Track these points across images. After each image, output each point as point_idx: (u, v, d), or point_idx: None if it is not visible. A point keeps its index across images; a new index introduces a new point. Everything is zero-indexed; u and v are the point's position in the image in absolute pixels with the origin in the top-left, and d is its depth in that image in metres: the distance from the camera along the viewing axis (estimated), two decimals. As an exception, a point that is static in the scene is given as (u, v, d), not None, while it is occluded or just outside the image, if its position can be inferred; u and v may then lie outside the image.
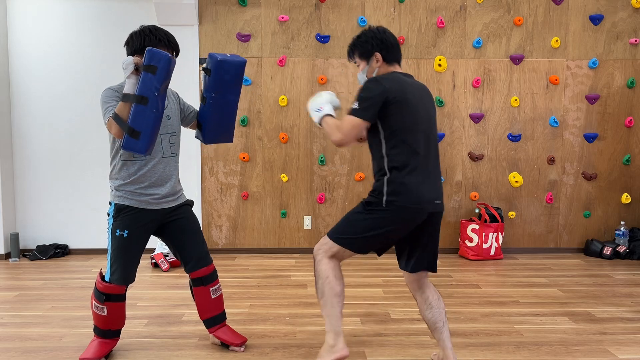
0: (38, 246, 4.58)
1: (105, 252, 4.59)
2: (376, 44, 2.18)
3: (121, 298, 2.41)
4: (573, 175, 4.73)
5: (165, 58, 2.10)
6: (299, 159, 4.68)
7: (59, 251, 4.58)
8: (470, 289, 3.64)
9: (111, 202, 2.39)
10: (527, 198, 4.74)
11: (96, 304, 2.38)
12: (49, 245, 4.61)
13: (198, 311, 2.59)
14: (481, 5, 4.59)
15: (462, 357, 2.48)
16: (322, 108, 2.22)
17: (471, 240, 4.49)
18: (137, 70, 2.15)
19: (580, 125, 4.69)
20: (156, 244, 4.34)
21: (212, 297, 2.56)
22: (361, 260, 4.37)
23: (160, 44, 2.28)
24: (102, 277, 2.40)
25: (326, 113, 2.21)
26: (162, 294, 3.54)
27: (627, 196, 4.69)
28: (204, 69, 2.39)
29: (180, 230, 2.50)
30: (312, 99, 2.29)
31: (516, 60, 4.62)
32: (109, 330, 2.43)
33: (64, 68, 4.54)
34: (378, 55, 2.18)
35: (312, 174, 4.69)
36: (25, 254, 4.61)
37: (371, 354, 2.53)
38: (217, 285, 2.59)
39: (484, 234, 4.44)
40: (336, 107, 2.28)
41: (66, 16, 4.52)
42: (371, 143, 2.18)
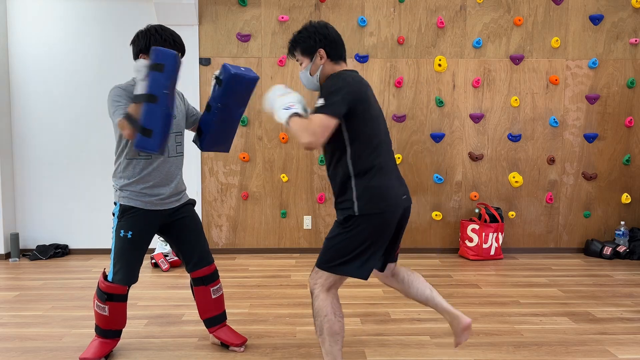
0: (38, 246, 4.58)
1: (105, 251, 4.61)
2: (319, 40, 2.05)
3: (123, 298, 2.41)
4: (573, 175, 4.73)
5: (171, 56, 2.10)
6: (299, 159, 4.68)
7: (59, 251, 4.58)
8: (470, 289, 3.64)
9: (116, 202, 2.39)
10: (527, 198, 4.74)
11: (98, 303, 2.38)
12: (49, 245, 4.61)
13: (198, 311, 2.60)
14: (481, 5, 4.59)
15: (462, 357, 2.48)
16: (293, 106, 1.96)
17: (471, 240, 4.49)
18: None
19: (580, 125, 4.69)
20: (156, 244, 4.34)
21: (213, 297, 2.56)
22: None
23: (165, 44, 2.28)
24: (104, 276, 2.40)
25: (296, 111, 1.95)
26: (162, 294, 3.54)
27: (627, 196, 4.69)
28: (215, 77, 2.34)
29: (183, 230, 2.50)
30: (276, 94, 2.05)
31: (516, 60, 4.62)
32: (110, 330, 2.44)
33: (64, 68, 4.54)
34: (322, 51, 2.06)
35: (312, 174, 4.69)
36: (25, 254, 4.61)
37: (371, 354, 2.53)
38: (218, 285, 2.59)
39: (484, 234, 4.44)
40: (304, 112, 2.00)
41: (66, 16, 4.52)
42: (332, 149, 2.01)
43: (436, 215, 4.71)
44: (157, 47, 2.13)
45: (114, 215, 2.39)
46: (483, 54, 4.63)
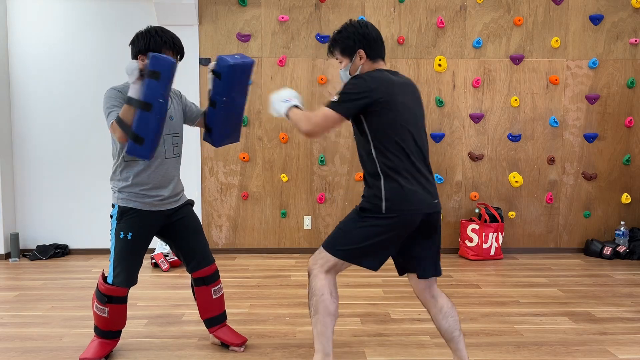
0: (38, 246, 4.58)
1: (105, 252, 4.59)
2: (359, 40, 2.04)
3: (123, 300, 2.40)
4: (573, 175, 4.73)
5: (168, 64, 2.07)
6: (299, 159, 4.68)
7: (59, 251, 4.58)
8: (470, 289, 3.64)
9: (114, 205, 2.38)
10: (527, 198, 4.74)
11: (97, 305, 2.38)
12: (49, 245, 4.61)
13: (199, 311, 2.60)
14: (481, 5, 4.59)
15: (462, 357, 2.48)
16: (290, 99, 2.14)
17: (471, 240, 4.49)
18: (141, 75, 2.13)
19: (580, 125, 4.69)
20: (156, 244, 4.34)
21: (214, 297, 2.56)
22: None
23: (165, 46, 2.25)
24: (104, 278, 2.39)
25: (294, 104, 2.13)
26: (162, 294, 3.54)
27: (627, 196, 4.69)
28: (213, 72, 2.32)
29: (183, 230, 2.50)
30: (275, 93, 2.21)
31: (516, 60, 4.62)
32: (109, 331, 2.43)
33: (64, 68, 4.54)
34: (362, 52, 2.05)
35: (312, 174, 4.69)
36: (25, 254, 4.61)
37: (371, 354, 2.53)
38: (219, 285, 2.59)
39: (484, 234, 4.44)
40: (301, 105, 2.19)
41: (66, 16, 4.51)
42: (358, 142, 2.10)
43: (436, 215, 4.70)
44: (155, 54, 2.09)
45: (112, 217, 2.38)
46: (483, 54, 4.63)
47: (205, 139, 2.51)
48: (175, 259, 4.25)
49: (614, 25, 4.61)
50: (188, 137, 3.88)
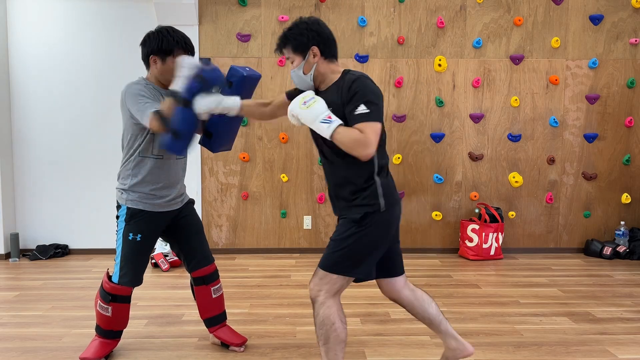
0: (38, 246, 4.58)
1: (105, 251, 4.61)
2: (312, 37, 1.93)
3: (127, 300, 2.41)
4: (573, 175, 4.73)
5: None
6: (299, 159, 4.68)
7: (59, 251, 4.58)
8: (470, 289, 3.64)
9: (121, 205, 2.36)
10: (527, 198, 4.74)
11: (101, 303, 2.38)
12: (49, 245, 4.61)
13: (199, 310, 2.60)
14: (481, 5, 4.59)
15: (462, 357, 2.48)
16: (331, 117, 1.83)
17: (471, 240, 4.49)
18: (197, 76, 2.13)
19: (580, 125, 4.69)
20: (156, 244, 4.34)
21: (213, 296, 2.57)
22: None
23: (177, 45, 2.28)
24: (109, 277, 2.39)
25: (339, 123, 1.83)
26: (162, 294, 3.54)
27: (627, 196, 4.69)
28: (227, 80, 2.34)
29: (184, 229, 2.50)
30: (304, 105, 1.87)
31: (516, 60, 4.62)
32: (111, 330, 2.43)
33: (64, 68, 4.54)
34: (315, 49, 1.93)
35: (312, 174, 4.69)
36: (25, 254, 4.61)
37: (371, 354, 2.53)
38: (219, 285, 2.59)
39: (484, 234, 4.44)
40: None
41: (66, 16, 4.51)
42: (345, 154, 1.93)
43: (436, 215, 4.71)
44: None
45: (118, 218, 2.38)
46: (483, 54, 4.63)
47: (202, 143, 2.50)
48: (175, 259, 4.25)
49: (614, 25, 4.61)
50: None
